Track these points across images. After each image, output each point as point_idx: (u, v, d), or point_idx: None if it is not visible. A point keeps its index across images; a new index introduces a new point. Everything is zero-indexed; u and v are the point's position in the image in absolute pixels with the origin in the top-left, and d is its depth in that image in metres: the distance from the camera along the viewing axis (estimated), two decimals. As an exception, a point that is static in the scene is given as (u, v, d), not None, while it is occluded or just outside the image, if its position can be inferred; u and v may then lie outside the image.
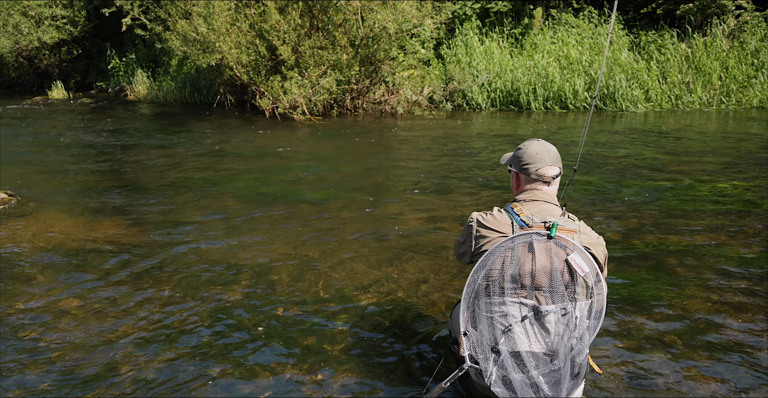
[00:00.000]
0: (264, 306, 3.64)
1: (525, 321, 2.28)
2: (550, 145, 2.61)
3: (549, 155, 2.56)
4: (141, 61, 18.25)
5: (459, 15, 14.04)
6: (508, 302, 2.29)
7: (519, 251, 2.31)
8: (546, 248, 2.31)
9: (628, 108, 11.86)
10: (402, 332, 3.30)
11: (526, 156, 2.57)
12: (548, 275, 2.28)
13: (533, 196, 2.52)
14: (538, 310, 2.28)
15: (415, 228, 5.04)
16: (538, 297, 2.29)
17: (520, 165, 2.59)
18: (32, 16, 19.05)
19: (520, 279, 2.29)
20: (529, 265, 2.30)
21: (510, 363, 2.21)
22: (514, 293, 2.29)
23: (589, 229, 2.49)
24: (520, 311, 2.29)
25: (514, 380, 2.18)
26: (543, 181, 2.55)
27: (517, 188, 2.65)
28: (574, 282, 2.30)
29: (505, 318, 2.29)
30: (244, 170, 7.49)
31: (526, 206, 2.49)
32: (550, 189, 2.56)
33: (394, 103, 12.48)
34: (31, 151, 9.21)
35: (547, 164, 2.54)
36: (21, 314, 3.62)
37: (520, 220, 2.40)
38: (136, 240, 4.89)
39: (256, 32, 12.28)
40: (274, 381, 2.86)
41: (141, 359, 3.08)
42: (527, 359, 2.22)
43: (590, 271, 2.30)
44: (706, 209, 5.30)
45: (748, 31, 12.40)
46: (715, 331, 3.20)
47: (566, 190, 3.01)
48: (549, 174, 2.54)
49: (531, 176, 2.55)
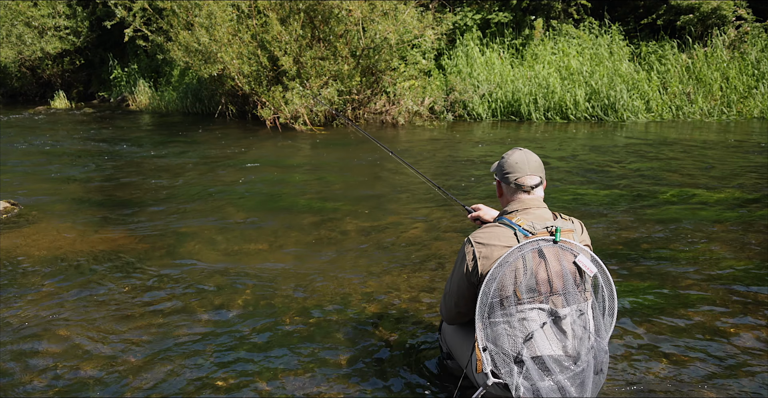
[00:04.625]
0: (264, 316, 3.63)
1: (545, 327, 2.28)
2: (533, 154, 2.61)
3: (529, 164, 2.55)
4: (143, 72, 18.31)
5: (460, 26, 14.10)
6: (526, 310, 2.28)
7: (530, 260, 2.30)
8: (554, 253, 2.32)
9: (628, 118, 11.87)
10: (402, 342, 3.29)
11: (507, 165, 2.58)
12: (561, 278, 2.30)
13: (524, 205, 2.52)
14: (556, 315, 2.29)
15: (416, 238, 5.03)
16: (554, 301, 2.30)
17: (501, 174, 2.61)
18: (35, 26, 19.15)
19: (537, 288, 2.29)
20: (544, 273, 2.30)
21: (535, 372, 2.21)
22: (531, 301, 2.29)
23: (580, 225, 2.54)
24: (539, 317, 2.29)
25: (541, 388, 2.18)
26: (523, 190, 2.54)
27: (501, 196, 2.66)
28: (584, 283, 2.34)
29: (525, 326, 2.28)
30: (245, 180, 7.49)
31: (522, 215, 2.48)
32: (533, 196, 2.55)
33: (395, 114, 12.50)
34: (33, 160, 9.22)
35: (527, 174, 2.54)
36: (22, 322, 3.60)
37: (523, 229, 2.40)
38: (137, 250, 4.89)
39: (257, 43, 12.33)
40: (273, 389, 2.85)
41: (141, 366, 3.07)
42: (551, 364, 2.22)
43: (597, 271, 2.34)
44: (707, 219, 5.29)
45: (749, 42, 12.43)
46: (715, 339, 3.18)
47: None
48: (528, 183, 2.54)
49: (511, 185, 2.56)
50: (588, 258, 2.35)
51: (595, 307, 2.36)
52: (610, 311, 2.36)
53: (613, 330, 3.13)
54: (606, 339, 2.33)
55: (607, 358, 2.30)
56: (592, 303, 2.36)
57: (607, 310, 2.36)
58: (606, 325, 2.35)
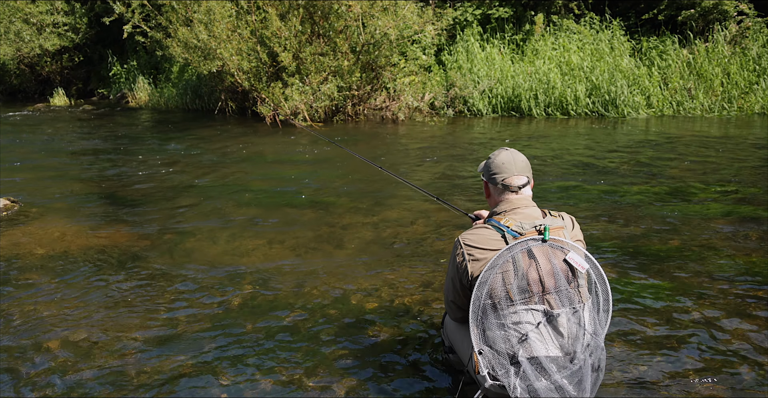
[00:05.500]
0: (265, 311, 3.62)
1: (539, 327, 2.27)
2: (519, 154, 2.60)
3: (516, 165, 2.55)
4: (142, 68, 18.29)
5: (460, 21, 14.06)
6: (520, 311, 2.27)
7: (520, 261, 2.29)
8: (544, 252, 2.31)
9: (629, 114, 11.84)
10: (403, 338, 3.27)
11: (494, 166, 2.57)
12: (553, 277, 2.28)
13: (512, 205, 2.51)
14: (550, 314, 2.27)
15: (416, 234, 5.01)
16: (548, 301, 2.28)
17: (488, 174, 2.60)
18: (34, 23, 19.12)
19: (529, 288, 2.28)
20: (534, 273, 2.29)
21: (532, 373, 2.20)
22: (525, 302, 2.28)
23: (571, 221, 2.53)
24: (534, 318, 2.27)
25: (539, 388, 2.17)
26: (510, 191, 2.53)
27: (489, 197, 2.65)
28: (577, 280, 2.32)
29: (520, 327, 2.26)
30: (245, 176, 7.47)
31: (510, 216, 2.46)
32: (521, 196, 2.54)
33: (396, 110, 12.48)
34: (32, 157, 9.20)
35: (514, 174, 2.53)
36: (22, 319, 3.59)
37: (512, 231, 2.38)
38: (137, 246, 4.87)
39: (257, 39, 12.29)
40: (274, 385, 2.84)
41: (142, 362, 3.07)
42: (547, 364, 2.21)
43: (590, 267, 2.33)
44: (707, 214, 5.27)
45: (750, 37, 12.39)
46: (715, 335, 3.17)
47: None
48: (515, 183, 2.53)
49: (498, 186, 2.55)
50: (579, 254, 2.33)
51: (589, 304, 2.34)
52: (605, 307, 2.35)
53: (609, 326, 3.12)
54: (602, 336, 2.31)
55: (604, 355, 2.28)
56: (587, 300, 2.34)
57: (602, 306, 2.35)
58: (601, 322, 2.34)
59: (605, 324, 2.34)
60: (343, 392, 2.80)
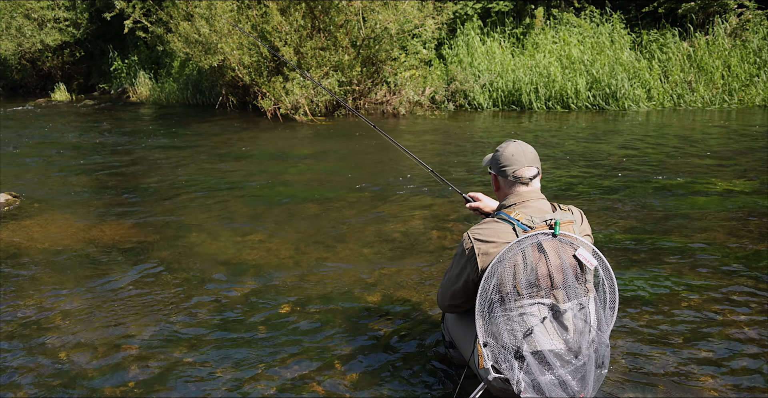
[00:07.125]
0: (267, 306, 3.66)
1: (545, 322, 2.27)
2: (528, 145, 2.59)
3: (526, 156, 2.53)
4: (143, 63, 18.27)
5: (460, 15, 14.04)
6: (526, 305, 2.27)
7: (530, 255, 2.28)
8: (554, 246, 2.30)
9: (629, 107, 11.84)
10: (403, 333, 3.31)
11: (503, 158, 2.55)
12: (562, 272, 2.28)
13: (522, 198, 2.49)
14: (556, 309, 2.28)
15: (418, 228, 5.04)
16: (555, 295, 2.29)
17: (498, 167, 2.57)
18: (35, 18, 19.09)
19: (537, 283, 2.27)
20: (544, 268, 2.28)
21: (536, 367, 2.20)
22: (532, 295, 2.28)
23: (580, 215, 2.53)
24: (540, 312, 2.28)
25: (542, 383, 2.17)
26: (521, 183, 2.52)
27: (498, 190, 2.64)
28: (585, 276, 2.32)
29: (525, 321, 2.27)
30: (246, 171, 7.50)
31: (520, 209, 2.46)
32: (531, 188, 2.54)
33: (396, 104, 12.48)
34: (34, 152, 9.24)
35: (524, 165, 2.51)
36: (25, 314, 3.63)
37: (522, 224, 2.38)
38: (139, 241, 4.91)
39: (258, 33, 12.29)
40: (276, 380, 2.87)
41: (144, 358, 3.10)
42: (551, 358, 2.22)
43: (598, 263, 2.32)
44: (709, 208, 5.30)
45: (751, 30, 12.36)
46: (718, 331, 3.20)
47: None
48: (526, 175, 2.51)
49: (509, 178, 2.53)
50: (588, 251, 2.32)
51: (596, 300, 2.34)
52: (611, 304, 2.35)
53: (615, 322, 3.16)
54: (607, 333, 2.31)
55: (609, 352, 2.29)
56: (594, 297, 2.34)
57: (608, 303, 2.35)
58: (607, 318, 2.34)
59: (611, 321, 2.33)
60: (342, 385, 2.83)
